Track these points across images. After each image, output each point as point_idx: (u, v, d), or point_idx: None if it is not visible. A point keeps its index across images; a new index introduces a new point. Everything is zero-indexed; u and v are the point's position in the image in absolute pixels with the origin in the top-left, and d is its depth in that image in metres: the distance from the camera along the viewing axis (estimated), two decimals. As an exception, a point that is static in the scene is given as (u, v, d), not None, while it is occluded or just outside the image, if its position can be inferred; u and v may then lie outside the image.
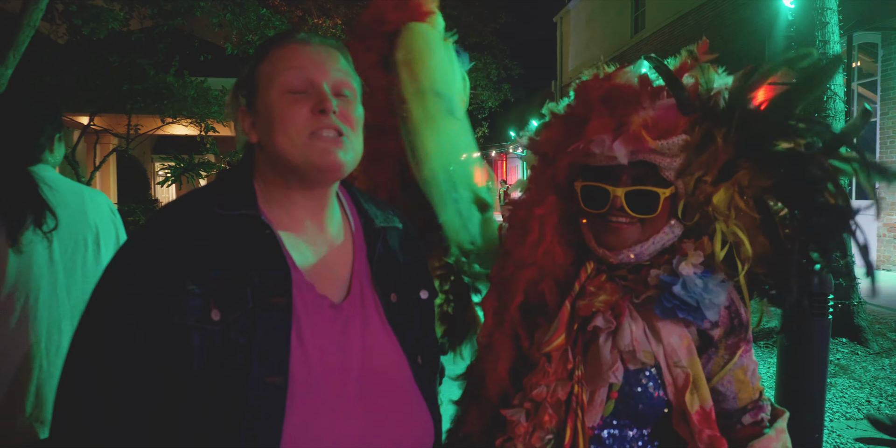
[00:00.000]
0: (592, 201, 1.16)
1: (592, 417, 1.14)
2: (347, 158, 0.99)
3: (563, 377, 1.14)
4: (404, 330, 1.07)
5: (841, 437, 3.80)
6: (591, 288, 1.17)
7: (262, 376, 0.89)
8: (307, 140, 0.96)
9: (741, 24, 11.95)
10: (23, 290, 1.71)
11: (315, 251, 1.04)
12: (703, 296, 1.08)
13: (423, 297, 1.15)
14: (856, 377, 4.83)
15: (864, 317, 5.73)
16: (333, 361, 0.97)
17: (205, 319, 0.89)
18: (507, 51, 20.64)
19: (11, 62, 4.08)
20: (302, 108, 0.97)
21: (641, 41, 16.75)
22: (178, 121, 9.27)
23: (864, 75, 10.12)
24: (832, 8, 5.62)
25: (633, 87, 1.15)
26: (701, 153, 1.08)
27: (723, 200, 1.10)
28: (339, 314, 1.01)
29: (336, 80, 1.01)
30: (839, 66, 1.16)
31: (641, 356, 1.11)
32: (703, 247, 1.13)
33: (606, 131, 1.11)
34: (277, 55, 1.01)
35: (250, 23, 7.06)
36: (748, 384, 1.17)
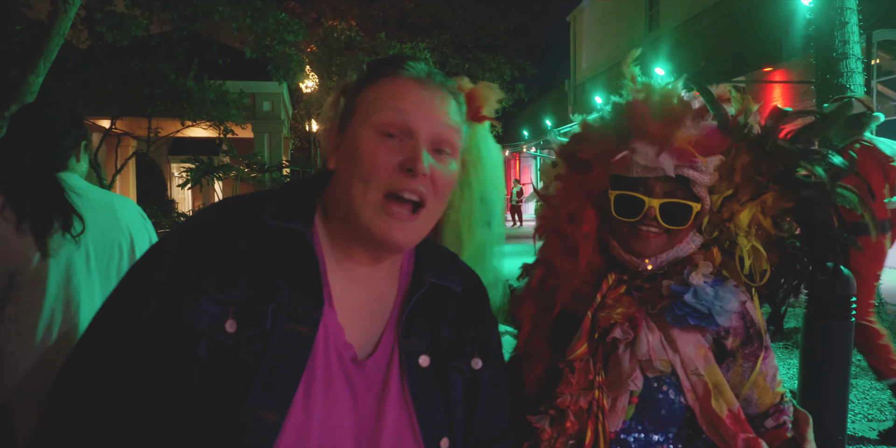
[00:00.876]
0: (625, 210, 1.21)
1: (615, 422, 1.19)
2: (414, 237, 0.90)
3: (585, 386, 1.20)
4: (430, 404, 0.91)
5: (864, 438, 3.79)
6: (609, 300, 1.23)
7: (258, 408, 0.79)
8: (380, 202, 0.86)
9: (757, 22, 11.88)
10: (64, 301, 1.76)
11: (359, 293, 0.93)
12: (714, 303, 1.14)
13: (476, 367, 0.98)
14: (877, 379, 4.82)
15: (885, 317, 5.70)
16: (336, 422, 0.85)
17: (218, 328, 0.81)
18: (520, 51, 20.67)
19: (42, 70, 4.19)
20: (390, 159, 0.86)
21: (656, 40, 16.67)
22: (198, 124, 9.40)
23: (884, 73, 10.03)
24: (852, 7, 5.58)
25: (677, 106, 1.22)
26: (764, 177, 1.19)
27: (746, 218, 1.19)
28: (360, 373, 0.88)
29: (439, 133, 0.90)
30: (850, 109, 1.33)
31: (658, 365, 1.17)
32: (712, 258, 1.21)
33: (652, 144, 1.18)
34: (386, 87, 0.90)
35: (269, 27, 7.16)
36: (768, 390, 1.22)
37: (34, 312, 1.72)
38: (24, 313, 1.71)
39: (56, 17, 4.21)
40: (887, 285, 6.06)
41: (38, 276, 1.71)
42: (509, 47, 20.85)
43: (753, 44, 11.81)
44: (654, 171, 1.17)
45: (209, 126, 9.54)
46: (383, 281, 0.97)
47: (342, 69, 14.29)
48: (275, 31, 7.21)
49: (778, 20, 10.68)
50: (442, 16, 19.58)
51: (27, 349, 1.70)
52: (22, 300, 1.71)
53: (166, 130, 9.97)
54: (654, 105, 1.21)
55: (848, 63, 5.58)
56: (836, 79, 5.60)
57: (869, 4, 5.96)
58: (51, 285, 1.73)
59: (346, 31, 15.69)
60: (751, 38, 12.03)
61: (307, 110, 17.09)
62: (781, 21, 10.48)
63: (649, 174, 1.18)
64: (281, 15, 7.17)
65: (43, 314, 1.73)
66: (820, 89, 5.83)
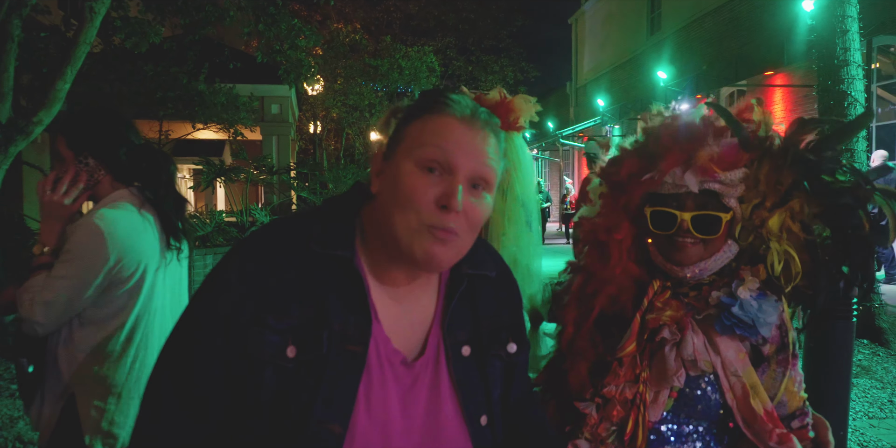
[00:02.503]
0: (661, 224, 1.34)
1: (655, 414, 1.32)
2: (450, 257, 0.96)
3: (631, 379, 1.33)
4: (471, 389, 1.02)
5: (864, 435, 3.92)
6: (658, 304, 1.36)
7: (323, 421, 0.88)
8: (418, 228, 0.92)
9: (758, 27, 11.98)
10: (147, 310, 1.86)
11: (400, 304, 1.01)
12: (758, 316, 1.27)
13: (511, 351, 1.09)
14: (877, 378, 4.95)
15: (885, 319, 5.83)
16: (395, 422, 0.94)
17: (280, 355, 0.89)
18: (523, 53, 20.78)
19: (69, 77, 4.31)
20: (428, 193, 0.92)
21: (658, 43, 16.77)
22: (209, 126, 9.53)
23: (883, 77, 10.14)
24: (853, 16, 5.69)
25: (699, 127, 1.35)
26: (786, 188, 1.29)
27: (776, 224, 1.29)
28: (409, 372, 0.98)
29: (477, 171, 0.95)
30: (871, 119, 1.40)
31: (702, 364, 1.30)
32: (758, 273, 1.33)
33: (677, 164, 1.31)
34: (430, 124, 0.96)
35: (282, 33, 7.28)
36: (796, 394, 1.34)
37: (122, 317, 1.80)
38: (112, 316, 1.79)
39: (82, 26, 4.33)
40: (887, 287, 6.19)
41: (138, 285, 1.80)
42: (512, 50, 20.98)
43: (755, 48, 11.90)
44: (683, 187, 1.30)
45: (219, 129, 9.66)
46: (422, 285, 1.04)
47: (347, 72, 14.40)
48: (287, 37, 7.33)
49: (779, 25, 10.79)
50: (445, 19, 19.71)
51: (105, 349, 1.80)
52: (114, 305, 1.79)
53: (177, 133, 10.10)
54: (678, 129, 1.35)
55: (849, 70, 5.69)
56: (838, 85, 5.72)
57: (869, 11, 6.08)
58: (143, 293, 1.82)
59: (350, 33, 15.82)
60: (752, 42, 12.13)
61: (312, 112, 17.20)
62: (783, 26, 10.58)
63: (679, 190, 1.31)
64: (294, 21, 7.29)
65: (130, 319, 1.82)
66: (822, 95, 5.94)
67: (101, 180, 1.85)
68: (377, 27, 19.52)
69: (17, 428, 3.92)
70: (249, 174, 8.55)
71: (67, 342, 1.78)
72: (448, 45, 19.84)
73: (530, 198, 1.61)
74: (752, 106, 1.35)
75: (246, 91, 9.19)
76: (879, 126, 10.12)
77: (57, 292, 1.69)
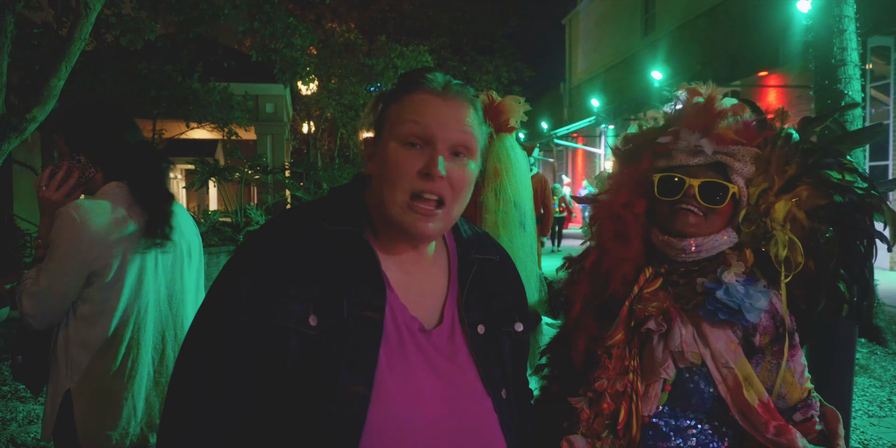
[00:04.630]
0: (667, 190, 1.33)
1: (648, 407, 1.30)
2: (438, 228, 1.03)
3: (621, 372, 1.31)
4: (489, 363, 1.08)
5: (865, 433, 3.92)
6: (646, 294, 1.34)
7: (348, 384, 0.94)
8: (406, 202, 1.00)
9: (752, 28, 12.02)
10: (135, 302, 1.84)
11: (412, 276, 1.08)
12: (744, 300, 1.24)
13: (518, 330, 1.16)
14: (876, 376, 4.96)
15: (882, 318, 5.85)
16: (416, 384, 1.00)
17: (303, 323, 0.95)
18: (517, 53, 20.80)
19: (64, 74, 4.24)
20: (412, 166, 0.99)
21: (651, 44, 16.81)
22: (203, 126, 9.45)
23: (877, 78, 10.21)
24: (850, 16, 5.71)
25: (722, 106, 1.36)
26: None
27: (782, 210, 1.29)
28: (428, 340, 1.04)
29: (456, 139, 1.02)
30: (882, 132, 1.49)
31: (689, 356, 1.27)
32: (744, 258, 1.31)
33: (695, 129, 1.32)
34: (408, 102, 1.03)
35: (277, 31, 7.23)
36: (797, 385, 1.30)
37: (108, 312, 1.79)
38: (99, 313, 1.78)
39: (77, 22, 4.26)
40: (883, 286, 6.21)
41: (118, 278, 1.79)
42: (506, 50, 20.98)
43: (749, 48, 11.95)
44: (695, 156, 1.30)
45: (213, 128, 9.59)
46: (431, 262, 1.12)
47: (342, 71, 14.34)
48: (282, 35, 7.27)
49: (774, 25, 10.83)
50: (440, 19, 19.70)
51: (96, 345, 1.78)
52: (98, 300, 1.78)
53: (170, 132, 10.01)
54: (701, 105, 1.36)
55: (846, 69, 5.71)
56: (835, 85, 5.73)
57: (865, 12, 6.10)
58: (126, 287, 1.81)
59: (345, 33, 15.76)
60: (746, 42, 12.17)
61: (306, 112, 17.13)
62: (777, 26, 10.63)
63: (690, 161, 1.31)
64: (290, 19, 7.24)
65: (116, 314, 1.80)
66: (818, 95, 5.96)
67: (94, 177, 1.87)
68: (371, 27, 19.47)
69: (9, 430, 3.86)
70: (244, 174, 8.48)
71: (64, 336, 1.79)
72: (442, 44, 19.82)
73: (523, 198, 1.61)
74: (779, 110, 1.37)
75: (240, 90, 9.12)
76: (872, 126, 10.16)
77: (41, 283, 1.71)
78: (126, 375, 1.81)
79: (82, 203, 1.76)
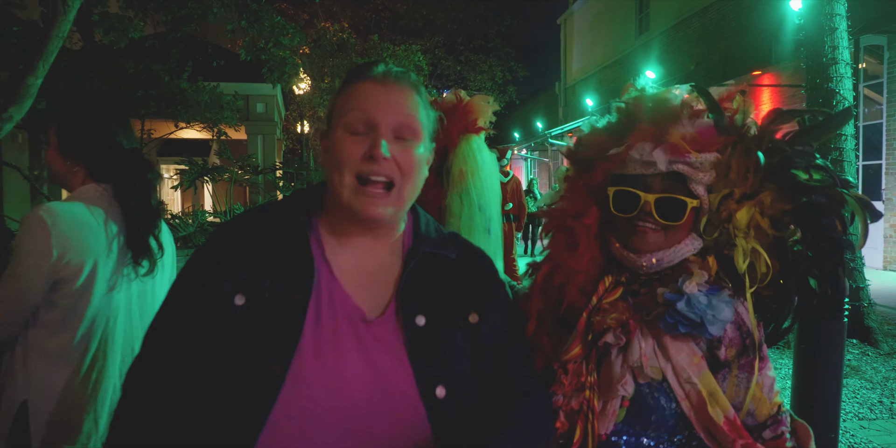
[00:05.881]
0: (623, 205, 1.24)
1: (605, 424, 1.22)
2: (389, 212, 1.05)
3: (577, 388, 1.23)
4: (426, 358, 1.04)
5: (855, 436, 3.87)
6: (605, 304, 1.25)
7: (265, 362, 0.96)
8: (355, 185, 1.03)
9: (746, 27, 12.00)
10: (105, 312, 1.76)
11: (365, 264, 1.10)
12: (706, 312, 1.15)
13: (473, 321, 1.10)
14: (867, 378, 4.90)
15: (874, 318, 5.80)
16: (342, 373, 0.99)
17: (229, 302, 1.01)
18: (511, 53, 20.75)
19: (41, 72, 4.17)
20: (356, 150, 1.03)
21: (646, 43, 16.79)
22: (192, 125, 9.38)
23: (870, 77, 10.18)
24: (841, 14, 5.68)
25: (675, 106, 1.26)
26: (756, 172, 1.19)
27: (745, 218, 1.20)
28: (369, 330, 1.04)
29: (398, 122, 1.05)
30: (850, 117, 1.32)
31: (649, 372, 1.19)
32: (707, 267, 1.22)
33: (647, 139, 1.22)
34: (351, 92, 1.07)
35: (264, 30, 7.15)
36: (765, 401, 1.23)
37: (75, 321, 1.71)
38: (63, 320, 1.70)
39: (55, 19, 4.19)
40: (876, 286, 6.18)
41: (88, 285, 1.71)
42: (501, 50, 20.93)
43: (743, 47, 11.93)
44: (650, 167, 1.21)
45: (203, 128, 9.52)
46: (386, 253, 1.13)
47: (335, 71, 14.26)
48: (270, 34, 7.20)
49: (767, 24, 10.81)
50: (434, 18, 19.62)
51: (58, 355, 1.70)
52: (65, 307, 1.70)
53: (159, 132, 9.92)
54: (652, 105, 1.26)
55: (838, 68, 5.67)
56: (826, 83, 5.70)
57: (857, 10, 6.06)
58: (96, 295, 1.73)
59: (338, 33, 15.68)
60: (740, 41, 12.15)
61: (299, 111, 17.04)
62: (770, 25, 10.60)
63: (646, 171, 1.22)
64: (277, 18, 7.17)
65: (83, 323, 1.72)
66: (810, 94, 5.92)
67: (76, 173, 1.81)
68: (365, 26, 19.40)
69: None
70: (234, 174, 8.41)
71: (22, 345, 1.70)
72: (437, 44, 19.76)
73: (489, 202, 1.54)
74: (735, 95, 1.26)
75: (230, 90, 9.04)
76: (866, 125, 10.15)
77: (6, 288, 1.63)
78: (90, 388, 1.73)
79: (53, 205, 1.68)
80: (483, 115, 1.63)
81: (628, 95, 1.34)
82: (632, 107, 1.30)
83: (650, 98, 1.28)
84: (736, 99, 1.26)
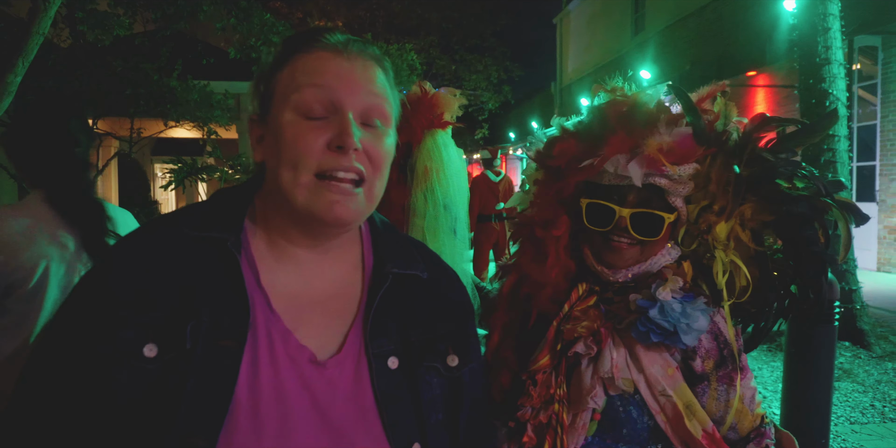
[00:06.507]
0: (597, 219, 1.17)
1: (575, 438, 1.15)
2: (359, 211, 0.85)
3: (546, 400, 1.16)
4: (400, 409, 0.86)
5: (846, 441, 3.82)
6: (576, 312, 1.18)
7: (183, 435, 0.74)
8: (315, 183, 0.81)
9: (741, 27, 11.98)
10: None
11: (307, 293, 0.88)
12: (679, 320, 1.10)
13: (451, 364, 0.93)
14: (859, 381, 4.86)
15: (866, 320, 5.76)
16: (288, 438, 0.78)
17: (136, 355, 0.76)
18: (507, 53, 20.70)
19: (21, 69, 4.09)
20: (317, 139, 0.80)
21: (641, 43, 16.77)
22: (182, 124, 9.28)
23: (865, 78, 10.16)
24: (834, 14, 5.64)
25: (651, 111, 1.18)
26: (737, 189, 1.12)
27: (724, 230, 1.14)
28: (321, 374, 0.83)
29: (367, 104, 0.84)
30: (836, 120, 1.27)
31: (621, 383, 1.14)
32: (682, 273, 1.16)
33: (622, 151, 1.14)
34: (301, 63, 0.84)
35: (254, 28, 7.08)
36: (747, 412, 1.18)
37: (28, 325, 1.68)
38: (17, 325, 1.67)
39: (36, 16, 4.12)
40: (869, 287, 6.13)
41: (40, 288, 1.68)
42: (496, 49, 20.85)
43: (737, 48, 11.90)
44: (626, 178, 1.13)
45: (193, 127, 9.42)
46: (339, 272, 0.92)
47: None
48: (260, 32, 7.13)
49: (762, 25, 10.78)
50: (429, 17, 19.55)
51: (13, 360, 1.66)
52: (17, 311, 1.67)
53: (149, 131, 9.82)
54: (627, 110, 1.18)
55: (831, 68, 5.64)
56: (819, 84, 5.66)
57: (851, 11, 6.03)
58: (49, 299, 1.69)
59: (332, 31, 15.59)
60: (735, 42, 12.12)
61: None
62: (765, 26, 10.57)
63: (621, 182, 1.14)
64: (266, 15, 7.09)
65: (37, 327, 1.68)
66: (803, 94, 5.88)
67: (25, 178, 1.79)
68: (360, 26, 19.30)
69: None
70: (224, 173, 8.31)
71: None
72: (431, 43, 19.68)
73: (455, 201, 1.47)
74: (715, 94, 1.19)
75: (221, 88, 8.92)
76: (860, 127, 10.12)
77: None
78: None
79: None
80: (449, 109, 1.56)
81: (599, 99, 1.26)
82: (605, 111, 1.22)
83: (623, 102, 1.20)
84: (717, 101, 1.19)
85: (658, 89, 1.22)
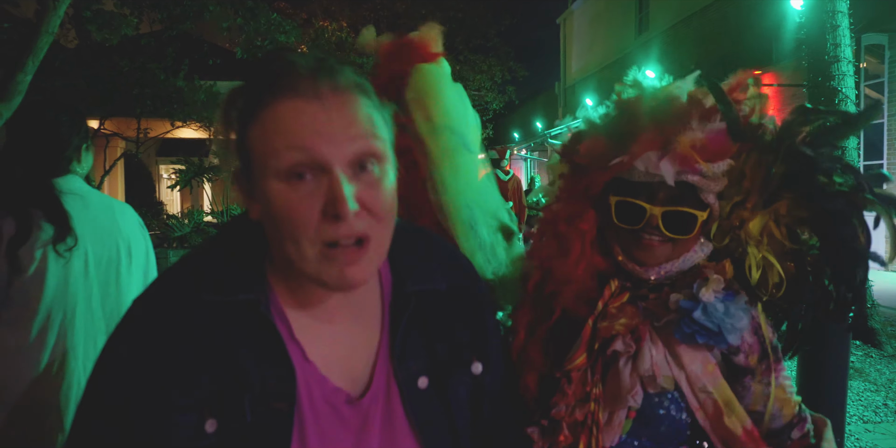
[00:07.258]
0: (627, 217, 1.14)
1: (610, 437, 1.14)
2: (371, 268, 0.81)
3: (581, 398, 1.14)
4: (435, 428, 0.88)
5: (860, 440, 3.80)
6: (612, 309, 1.16)
7: None
8: (320, 253, 0.77)
9: (746, 26, 11.95)
10: (60, 305, 1.71)
11: (334, 334, 0.87)
12: (724, 320, 1.08)
13: (476, 372, 0.94)
14: (871, 380, 4.84)
15: (877, 319, 5.74)
16: None
17: (200, 435, 0.76)
18: (511, 53, 20.71)
19: (31, 68, 4.10)
20: (311, 209, 0.75)
21: (645, 43, 16.74)
22: (188, 124, 9.32)
23: (871, 76, 10.12)
24: (843, 11, 5.61)
25: (683, 105, 1.14)
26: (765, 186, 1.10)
27: (757, 226, 1.12)
28: (357, 411, 0.85)
29: (356, 151, 0.76)
30: (878, 111, 1.22)
31: (661, 382, 1.12)
32: (723, 271, 1.14)
33: (653, 148, 1.10)
34: (271, 118, 0.75)
35: (260, 27, 7.09)
36: (788, 400, 1.18)
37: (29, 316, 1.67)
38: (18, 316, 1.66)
39: (44, 15, 4.12)
40: (879, 287, 6.10)
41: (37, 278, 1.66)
42: (500, 49, 20.87)
43: (743, 47, 11.87)
44: (657, 176, 1.10)
45: (199, 127, 9.45)
46: (358, 299, 0.89)
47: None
48: (266, 32, 7.14)
49: (767, 24, 10.75)
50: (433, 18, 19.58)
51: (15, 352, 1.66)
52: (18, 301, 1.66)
53: (156, 131, 9.86)
54: (658, 105, 1.14)
55: (839, 66, 5.61)
56: (828, 82, 5.63)
57: (858, 9, 6.00)
58: (48, 289, 1.68)
59: (336, 32, 15.62)
60: (740, 41, 12.09)
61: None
62: (771, 24, 10.55)
63: (652, 179, 1.11)
64: (273, 15, 7.10)
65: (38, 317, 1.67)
66: (811, 92, 5.86)
67: None
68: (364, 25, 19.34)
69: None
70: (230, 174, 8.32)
71: None
72: (435, 44, 19.67)
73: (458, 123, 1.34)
74: (747, 84, 1.15)
75: (227, 88, 8.92)
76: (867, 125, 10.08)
77: None
78: (51, 384, 1.68)
79: None
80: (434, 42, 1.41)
81: (626, 95, 1.22)
82: (634, 105, 1.17)
83: (652, 96, 1.16)
84: (750, 91, 1.15)
85: (688, 81, 1.19)
